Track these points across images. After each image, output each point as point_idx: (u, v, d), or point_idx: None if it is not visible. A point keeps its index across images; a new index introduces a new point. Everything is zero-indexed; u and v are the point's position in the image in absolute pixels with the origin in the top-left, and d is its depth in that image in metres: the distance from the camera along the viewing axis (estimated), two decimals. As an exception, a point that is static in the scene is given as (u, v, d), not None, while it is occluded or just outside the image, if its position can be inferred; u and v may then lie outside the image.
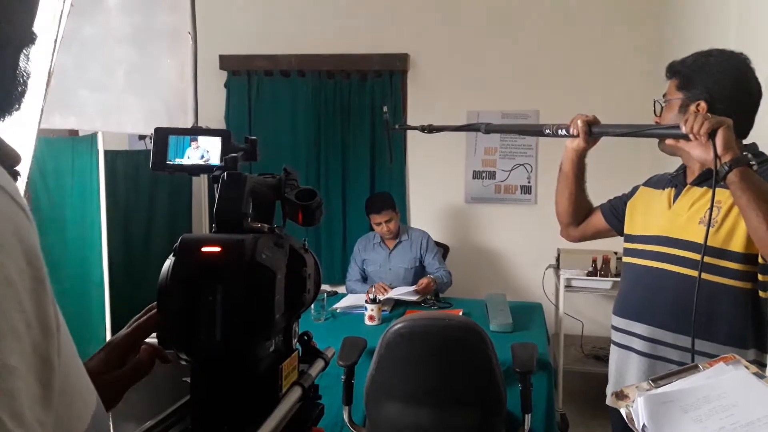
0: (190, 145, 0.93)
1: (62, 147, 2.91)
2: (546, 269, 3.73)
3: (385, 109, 1.84)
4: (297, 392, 0.77)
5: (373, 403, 2.14)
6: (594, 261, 3.40)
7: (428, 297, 3.10)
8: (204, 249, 0.63)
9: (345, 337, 2.37)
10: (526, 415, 2.16)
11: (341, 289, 3.73)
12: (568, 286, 3.39)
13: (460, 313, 2.82)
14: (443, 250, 3.72)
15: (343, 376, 2.24)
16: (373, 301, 2.81)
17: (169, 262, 0.66)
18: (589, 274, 3.39)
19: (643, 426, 0.92)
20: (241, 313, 0.63)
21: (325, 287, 3.62)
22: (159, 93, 2.31)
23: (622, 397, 1.00)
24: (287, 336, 0.77)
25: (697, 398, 0.94)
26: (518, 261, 4.05)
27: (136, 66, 2.27)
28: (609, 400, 1.56)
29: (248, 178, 0.71)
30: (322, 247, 4.19)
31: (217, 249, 0.63)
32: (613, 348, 1.65)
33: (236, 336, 0.64)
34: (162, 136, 0.95)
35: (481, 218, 4.10)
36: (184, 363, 0.71)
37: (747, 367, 1.01)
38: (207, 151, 0.92)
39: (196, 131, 0.95)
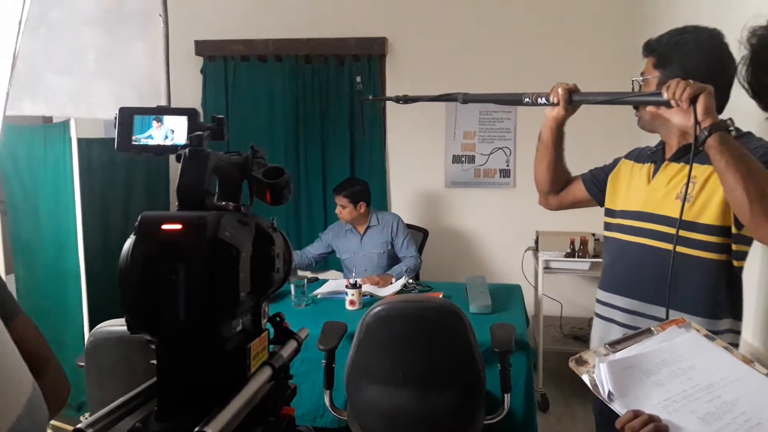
0: (152, 125, 0.92)
1: (34, 135, 2.84)
2: (525, 251, 3.76)
3: (358, 79, 1.84)
4: (267, 372, 0.76)
5: (353, 386, 2.14)
6: (572, 242, 3.43)
7: (409, 281, 3.11)
8: (164, 227, 0.62)
9: (325, 321, 2.37)
10: (506, 395, 2.19)
11: (323, 275, 3.72)
12: (546, 268, 3.41)
13: (441, 296, 2.82)
14: (422, 234, 3.72)
15: (324, 361, 2.24)
16: (354, 286, 2.81)
17: (130, 241, 0.65)
18: (567, 255, 3.42)
19: (609, 392, 0.94)
20: (205, 291, 0.62)
21: (305, 273, 3.61)
22: (130, 77, 2.27)
23: (582, 362, 1.02)
24: (256, 316, 0.76)
25: (656, 362, 0.97)
26: (498, 244, 4.07)
27: (105, 50, 2.21)
28: (571, 365, 1.59)
29: (211, 154, 0.69)
30: (303, 233, 4.17)
31: (178, 226, 0.62)
32: (596, 320, 1.69)
33: (200, 315, 0.63)
34: (126, 115, 0.93)
35: (461, 202, 4.11)
36: (153, 347, 0.70)
37: (698, 330, 1.04)
38: (172, 130, 0.90)
39: (161, 110, 0.93)
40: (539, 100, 1.60)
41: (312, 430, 0.77)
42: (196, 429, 0.56)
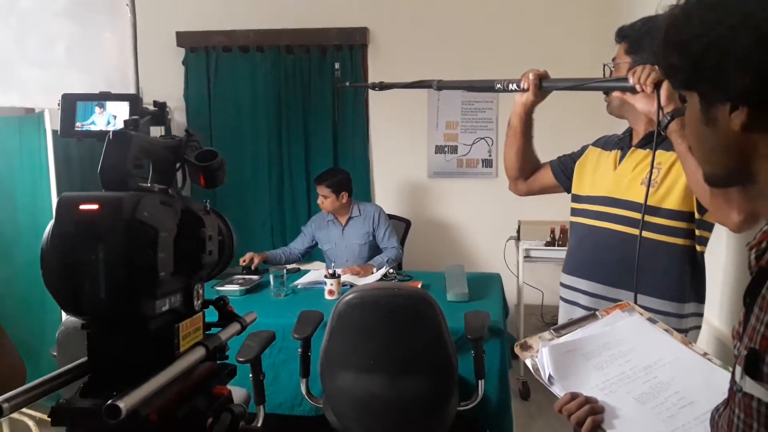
0: (95, 111, 0.93)
1: (8, 126, 2.83)
2: (507, 241, 3.77)
3: (337, 65, 1.86)
4: (199, 352, 0.77)
5: (327, 373, 2.15)
6: (552, 231, 3.45)
7: (389, 271, 3.12)
8: (82, 207, 0.63)
9: (301, 310, 2.38)
10: (480, 381, 2.21)
11: (305, 266, 3.72)
12: (527, 257, 3.43)
13: (419, 285, 2.84)
14: (405, 224, 3.73)
15: (299, 350, 2.26)
16: (333, 275, 2.82)
17: (51, 222, 0.66)
18: (548, 244, 3.44)
19: (549, 376, 0.95)
20: (122, 271, 0.63)
21: (287, 265, 3.62)
22: (101, 68, 2.27)
23: (526, 347, 1.03)
24: (187, 297, 0.77)
25: (597, 345, 0.98)
26: (481, 234, 4.09)
27: (76, 40, 2.21)
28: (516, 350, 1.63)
29: (135, 137, 0.70)
30: (287, 224, 4.17)
31: (95, 206, 0.62)
32: (561, 303, 1.73)
33: (119, 295, 0.64)
34: (69, 102, 0.94)
35: (443, 192, 4.12)
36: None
37: (641, 314, 1.06)
38: (114, 116, 0.91)
39: (103, 96, 0.94)
40: (510, 86, 1.63)
41: (244, 409, 0.78)
42: (108, 402, 0.57)
